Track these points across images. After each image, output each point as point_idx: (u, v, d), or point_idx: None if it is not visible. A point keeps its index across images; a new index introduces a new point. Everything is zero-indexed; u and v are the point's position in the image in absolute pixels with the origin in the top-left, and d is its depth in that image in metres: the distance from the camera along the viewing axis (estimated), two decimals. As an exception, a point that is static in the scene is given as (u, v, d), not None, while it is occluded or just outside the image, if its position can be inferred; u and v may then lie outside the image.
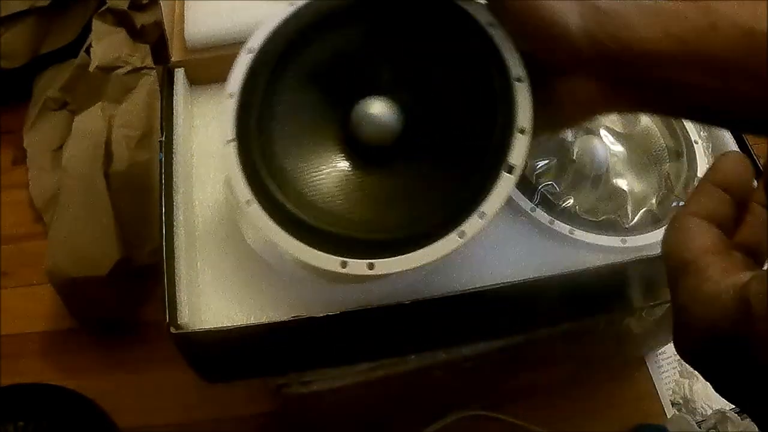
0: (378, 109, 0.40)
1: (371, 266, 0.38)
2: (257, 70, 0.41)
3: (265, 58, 0.41)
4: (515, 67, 0.38)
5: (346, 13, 0.41)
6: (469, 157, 0.39)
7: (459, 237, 0.37)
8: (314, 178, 0.41)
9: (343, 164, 0.42)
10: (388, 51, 0.42)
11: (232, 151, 0.40)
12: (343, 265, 0.38)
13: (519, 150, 0.37)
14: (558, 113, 0.38)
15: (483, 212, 0.37)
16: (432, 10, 0.40)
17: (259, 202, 0.39)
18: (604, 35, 0.33)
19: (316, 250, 0.38)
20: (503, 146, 0.37)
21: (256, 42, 0.41)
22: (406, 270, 0.38)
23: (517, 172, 0.37)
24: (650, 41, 0.33)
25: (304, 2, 0.41)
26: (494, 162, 0.37)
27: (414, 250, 0.38)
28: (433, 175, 0.40)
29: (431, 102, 0.41)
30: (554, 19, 0.33)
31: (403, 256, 0.38)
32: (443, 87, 0.41)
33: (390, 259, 0.38)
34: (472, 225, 0.37)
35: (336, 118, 0.42)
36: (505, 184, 0.37)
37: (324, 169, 0.41)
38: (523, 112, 0.37)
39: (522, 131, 0.37)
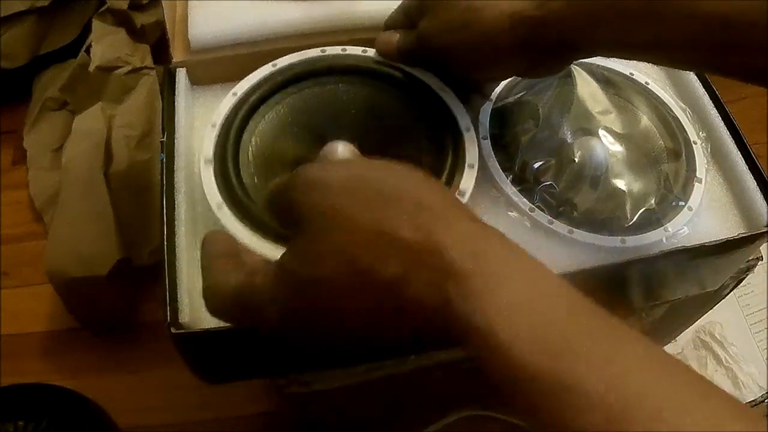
0: (340, 155, 0.44)
1: None
2: (239, 109, 0.47)
3: (246, 101, 0.47)
4: (463, 120, 0.47)
5: (320, 73, 0.49)
6: None
7: None
8: None
9: None
10: (356, 107, 0.49)
11: (209, 166, 0.45)
12: None
13: (468, 180, 0.45)
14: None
15: None
16: (393, 77, 0.49)
17: (229, 207, 0.43)
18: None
19: (282, 248, 0.41)
20: (454, 177, 0.45)
21: (241, 89, 0.48)
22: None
23: (467, 195, 0.45)
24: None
25: (285, 63, 0.49)
26: (448, 186, 0.45)
27: None
28: None
29: (392, 146, 0.47)
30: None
31: None
32: (403, 135, 0.48)
33: None
34: None
35: (304, 152, 0.47)
36: None
37: None
38: (472, 153, 0.46)
39: (471, 166, 0.45)
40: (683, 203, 0.49)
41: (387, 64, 0.49)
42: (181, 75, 0.51)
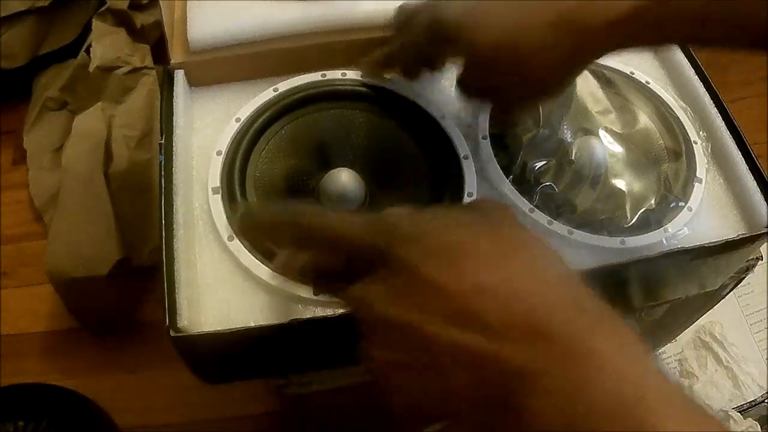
0: (344, 182, 0.46)
1: None
2: (242, 136, 0.48)
3: (249, 127, 0.48)
4: (463, 148, 0.48)
5: (321, 99, 0.50)
6: None
7: None
8: None
9: None
10: (356, 132, 0.50)
11: (217, 196, 0.46)
12: (316, 293, 0.41)
13: None
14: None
15: None
16: (392, 103, 0.50)
17: (240, 239, 0.44)
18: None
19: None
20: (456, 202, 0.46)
21: (243, 114, 0.49)
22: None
23: None
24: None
25: (286, 88, 0.50)
26: None
27: None
28: None
29: (392, 173, 0.49)
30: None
31: None
32: (403, 162, 0.49)
33: None
34: None
35: (308, 178, 0.48)
36: None
37: None
38: (470, 181, 0.47)
39: (470, 195, 0.47)
40: (683, 203, 0.48)
41: (385, 89, 0.50)
42: (180, 76, 0.51)
